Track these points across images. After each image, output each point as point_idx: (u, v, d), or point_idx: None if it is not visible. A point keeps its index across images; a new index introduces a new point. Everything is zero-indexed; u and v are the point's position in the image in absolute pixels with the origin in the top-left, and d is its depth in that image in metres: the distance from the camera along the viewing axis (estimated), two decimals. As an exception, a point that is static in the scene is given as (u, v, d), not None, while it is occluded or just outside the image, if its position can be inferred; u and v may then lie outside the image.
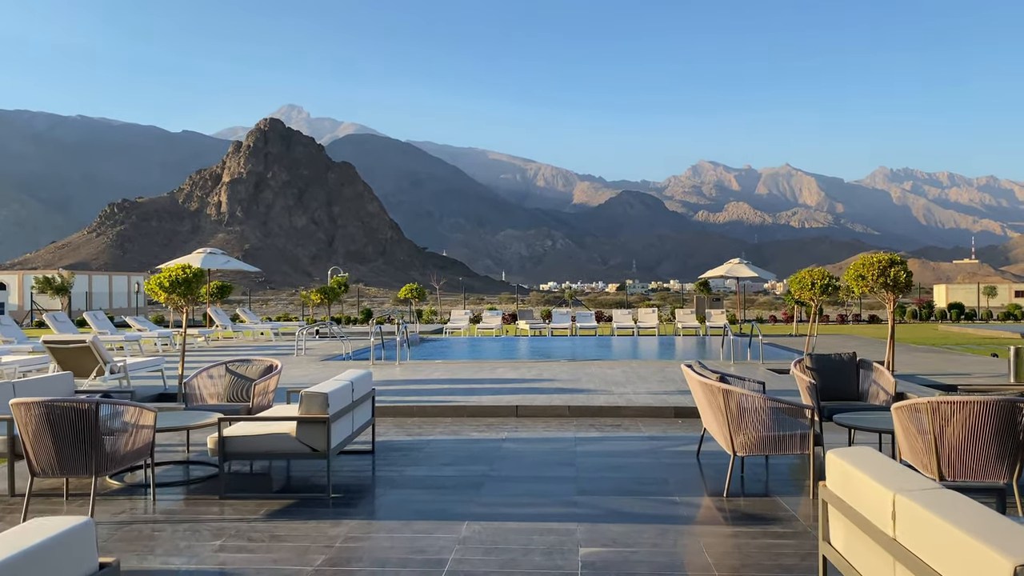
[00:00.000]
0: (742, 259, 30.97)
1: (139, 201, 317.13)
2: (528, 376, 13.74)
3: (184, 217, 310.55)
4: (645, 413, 10.24)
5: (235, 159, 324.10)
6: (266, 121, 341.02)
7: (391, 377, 13.91)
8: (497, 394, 11.49)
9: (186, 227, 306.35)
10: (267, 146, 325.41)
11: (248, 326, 25.65)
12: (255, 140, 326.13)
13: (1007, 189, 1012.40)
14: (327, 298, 25.59)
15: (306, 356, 18.51)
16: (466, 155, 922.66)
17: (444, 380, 13.31)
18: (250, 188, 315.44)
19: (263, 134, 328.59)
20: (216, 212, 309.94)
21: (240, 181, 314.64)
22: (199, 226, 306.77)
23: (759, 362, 16.09)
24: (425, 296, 31.93)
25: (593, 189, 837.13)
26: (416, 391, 12.00)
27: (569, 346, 23.40)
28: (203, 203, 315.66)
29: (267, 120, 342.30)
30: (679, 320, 29.67)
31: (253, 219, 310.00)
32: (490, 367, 15.39)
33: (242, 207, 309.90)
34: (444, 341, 25.81)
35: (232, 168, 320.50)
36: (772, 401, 6.39)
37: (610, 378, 13.31)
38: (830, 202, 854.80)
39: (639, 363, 16.00)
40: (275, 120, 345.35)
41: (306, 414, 6.41)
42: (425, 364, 16.28)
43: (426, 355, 20.03)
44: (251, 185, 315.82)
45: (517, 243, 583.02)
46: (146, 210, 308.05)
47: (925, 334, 30.97)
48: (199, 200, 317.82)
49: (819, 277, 14.06)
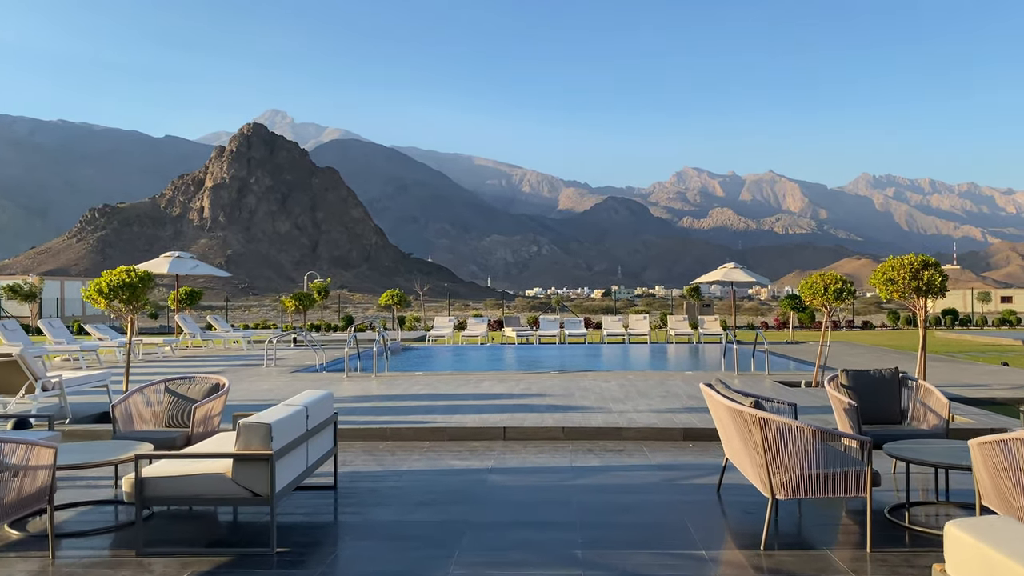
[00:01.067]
0: (737, 264, 29.91)
1: (120, 206, 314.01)
2: (516, 390, 12.51)
3: (166, 222, 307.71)
4: (650, 436, 9.03)
5: (218, 164, 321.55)
6: (249, 126, 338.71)
7: (365, 392, 12.64)
8: (482, 412, 10.25)
9: (168, 232, 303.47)
10: (250, 151, 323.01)
11: (219, 334, 24.29)
12: (238, 145, 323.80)
13: (987, 196, 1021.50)
14: (302, 305, 24.26)
15: (276, 367, 17.21)
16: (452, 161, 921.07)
17: (423, 395, 12.05)
18: (233, 193, 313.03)
19: (246, 139, 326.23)
20: (199, 217, 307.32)
21: (223, 186, 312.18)
22: (181, 231, 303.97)
23: (764, 373, 14.94)
24: (407, 302, 30.65)
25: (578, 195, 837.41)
26: (391, 409, 10.74)
27: (558, 355, 22.19)
28: (185, 208, 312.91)
29: (250, 125, 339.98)
30: (671, 327, 28.51)
31: (236, 224, 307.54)
32: (475, 380, 14.16)
33: (225, 212, 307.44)
34: (427, 350, 24.54)
35: (215, 173, 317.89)
36: (822, 433, 5.19)
37: (607, 393, 12.11)
38: (813, 208, 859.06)
39: (636, 375, 14.81)
40: (258, 125, 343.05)
41: (245, 450, 5.17)
42: (404, 376, 15.02)
43: (407, 365, 18.77)
44: (234, 190, 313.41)
45: (503, 249, 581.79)
46: (127, 215, 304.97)
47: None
48: (181, 205, 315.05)
49: (832, 281, 12.91)
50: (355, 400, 11.63)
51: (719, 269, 30.24)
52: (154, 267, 23.20)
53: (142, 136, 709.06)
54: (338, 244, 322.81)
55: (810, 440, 5.15)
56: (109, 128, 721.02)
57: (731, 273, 29.36)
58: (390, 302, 29.32)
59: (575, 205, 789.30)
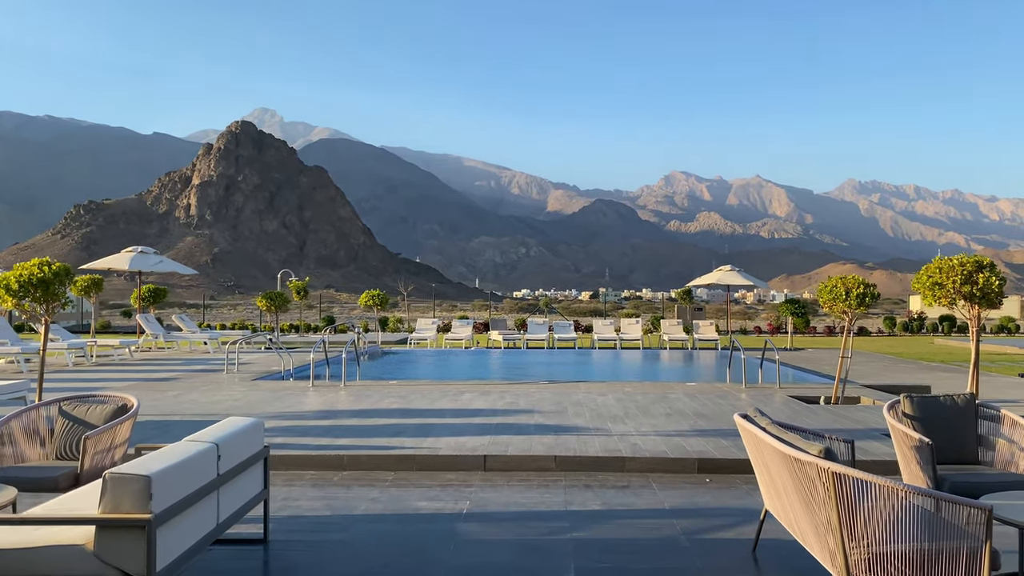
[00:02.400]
0: (733, 266, 28.54)
1: (106, 203, 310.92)
2: (500, 405, 11.02)
3: (152, 220, 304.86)
4: (658, 467, 7.56)
5: (205, 161, 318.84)
6: (237, 123, 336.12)
7: (329, 406, 11.11)
8: (460, 433, 8.75)
9: (154, 230, 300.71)
10: (238, 148, 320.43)
11: (185, 335, 22.68)
12: (226, 142, 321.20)
13: (971, 203, 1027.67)
14: (275, 305, 22.67)
15: (238, 373, 15.65)
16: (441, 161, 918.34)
17: (394, 411, 10.54)
18: (220, 191, 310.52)
19: (234, 136, 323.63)
20: (185, 215, 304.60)
21: (210, 184, 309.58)
22: (167, 229, 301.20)
23: (774, 386, 13.50)
24: (388, 303, 29.09)
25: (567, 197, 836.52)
26: (354, 429, 9.22)
27: (547, 361, 20.72)
28: (172, 206, 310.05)
29: (238, 123, 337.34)
30: (665, 332, 27.09)
31: (223, 222, 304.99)
32: (455, 391, 12.66)
33: (212, 210, 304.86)
34: (407, 354, 23.02)
35: (202, 170, 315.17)
36: (927, 497, 3.71)
37: (603, 409, 10.64)
38: (799, 213, 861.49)
39: (634, 387, 13.34)
40: (246, 123, 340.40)
41: (111, 512, 3.66)
42: (377, 386, 13.50)
43: (382, 372, 17.25)
44: (221, 188, 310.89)
45: (491, 250, 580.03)
46: (113, 212, 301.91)
47: (922, 349, 28.74)
48: (168, 203, 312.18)
49: (854, 286, 11.50)
50: (314, 416, 10.10)
51: (715, 272, 28.86)
52: (115, 263, 21.60)
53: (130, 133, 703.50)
54: (326, 243, 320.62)
55: (907, 504, 3.69)
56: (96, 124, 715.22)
57: (727, 276, 27.97)
58: (371, 303, 27.75)
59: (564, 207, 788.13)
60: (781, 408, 10.91)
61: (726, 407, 11.00)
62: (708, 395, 12.33)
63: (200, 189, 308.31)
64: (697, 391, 12.83)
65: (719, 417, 10.06)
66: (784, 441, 4.18)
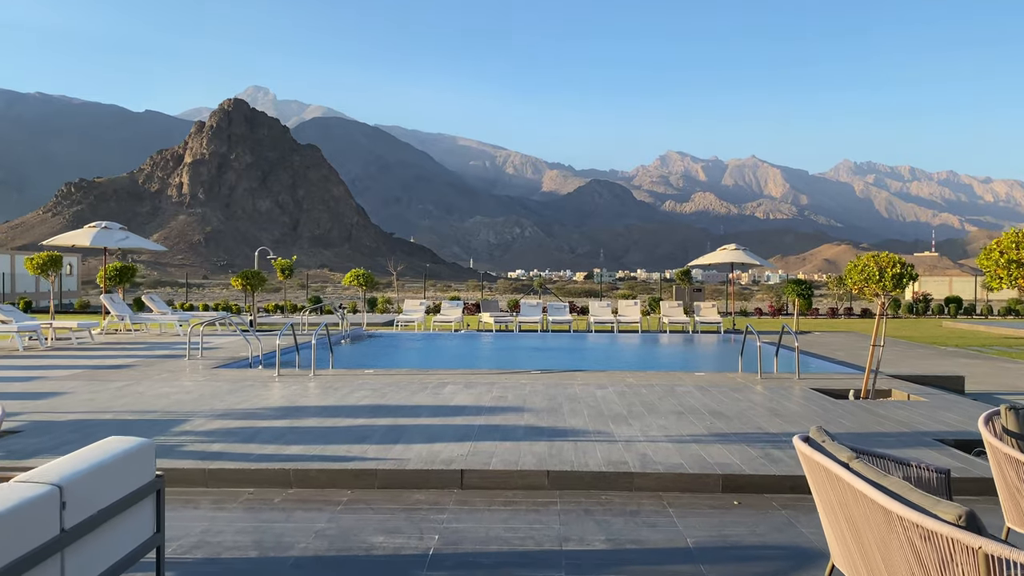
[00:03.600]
0: (739, 245, 27.15)
1: (97, 181, 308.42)
2: (486, 401, 9.64)
3: (144, 198, 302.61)
4: (675, 484, 6.19)
5: (197, 139, 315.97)
6: (230, 101, 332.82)
7: (290, 400, 9.71)
8: (436, 439, 7.37)
9: (146, 208, 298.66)
10: (231, 127, 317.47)
11: (155, 317, 21.21)
12: (218, 121, 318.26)
13: (966, 184, 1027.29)
14: (250, 284, 21.20)
15: (202, 360, 14.25)
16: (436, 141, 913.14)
17: (364, 409, 9.15)
18: (212, 169, 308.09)
19: (227, 114, 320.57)
20: (177, 193, 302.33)
21: (202, 162, 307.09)
22: (159, 207, 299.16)
23: (792, 376, 12.15)
24: (373, 282, 27.67)
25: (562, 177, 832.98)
26: (312, 432, 7.83)
27: (540, 346, 19.36)
28: (164, 184, 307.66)
29: (231, 100, 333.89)
30: (664, 314, 25.67)
31: (215, 201, 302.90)
32: (436, 383, 11.28)
33: (204, 188, 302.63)
34: (392, 337, 21.63)
35: (194, 149, 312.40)
36: None
37: (603, 405, 9.27)
38: (795, 194, 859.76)
39: (637, 377, 11.97)
40: (239, 100, 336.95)
41: None
42: (350, 376, 12.11)
43: (360, 360, 15.86)
44: (214, 166, 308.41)
45: (486, 230, 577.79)
46: (104, 190, 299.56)
47: (931, 332, 27.50)
48: (160, 181, 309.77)
49: (889, 264, 10.13)
50: (270, 414, 8.71)
51: (719, 251, 27.46)
52: (76, 239, 20.12)
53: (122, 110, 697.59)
54: (319, 223, 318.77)
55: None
56: (88, 102, 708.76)
57: (732, 255, 26.58)
58: (355, 283, 26.32)
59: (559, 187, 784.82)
60: (805, 404, 9.56)
61: (743, 403, 9.65)
62: (720, 387, 10.98)
63: (192, 167, 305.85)
64: (707, 382, 11.47)
65: (739, 416, 8.70)
66: (893, 495, 2.78)
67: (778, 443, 7.26)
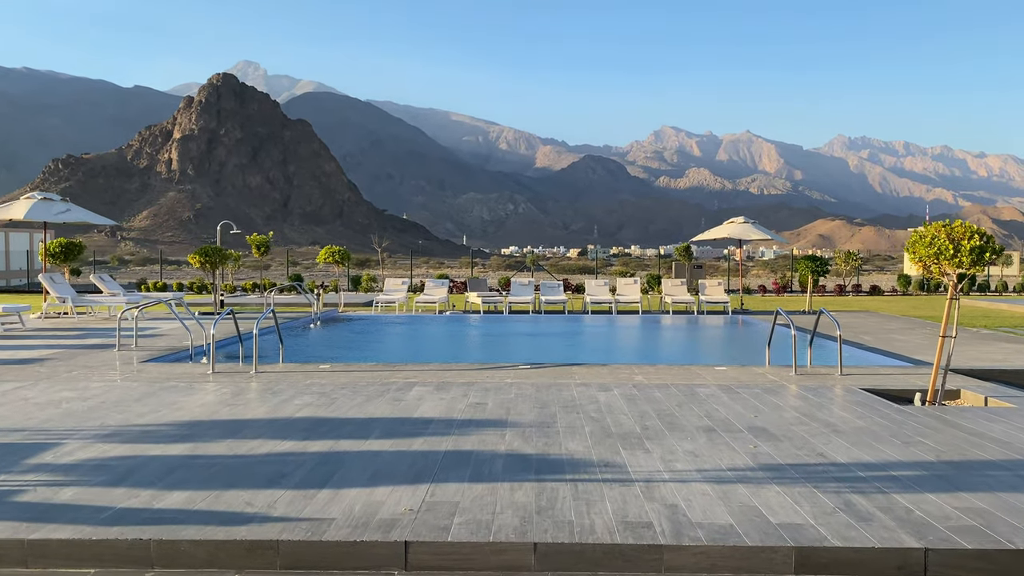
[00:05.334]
0: (747, 219, 25.08)
1: (85, 157, 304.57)
2: (459, 411, 7.57)
3: (133, 175, 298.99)
4: (724, 563, 4.13)
5: (186, 115, 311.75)
6: (219, 76, 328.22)
7: (210, 413, 7.62)
8: (380, 479, 5.30)
9: (135, 185, 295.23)
10: (220, 102, 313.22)
11: (103, 299, 19.07)
12: (207, 96, 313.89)
13: (960, 159, 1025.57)
14: (210, 262, 19.02)
15: (136, 350, 12.18)
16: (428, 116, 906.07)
17: (299, 424, 7.06)
18: (202, 145, 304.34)
19: (216, 89, 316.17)
20: (167, 170, 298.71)
21: (192, 138, 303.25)
22: (148, 184, 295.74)
23: (834, 371, 10.12)
24: (349, 258, 25.57)
25: (556, 153, 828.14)
26: (214, 466, 5.75)
27: (532, 331, 17.32)
28: (153, 160, 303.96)
29: (220, 75, 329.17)
30: (667, 293, 23.52)
31: (205, 177, 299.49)
32: (402, 383, 9.21)
33: (194, 165, 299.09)
34: (368, 321, 19.54)
35: (183, 124, 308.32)
36: None
37: (609, 417, 7.21)
38: (789, 169, 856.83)
39: (646, 373, 9.92)
40: (228, 75, 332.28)
41: None
42: (300, 374, 10.04)
43: (322, 349, 13.80)
44: (203, 142, 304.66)
45: (479, 207, 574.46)
46: (93, 167, 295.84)
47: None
48: (149, 157, 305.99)
49: (965, 235, 8.11)
50: (171, 436, 6.62)
51: (725, 225, 25.41)
52: (10, 211, 17.92)
53: (110, 86, 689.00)
54: (310, 199, 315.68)
55: None
56: (76, 77, 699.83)
57: (741, 230, 24.52)
58: (330, 259, 24.23)
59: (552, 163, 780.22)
60: (865, 414, 7.51)
61: (786, 412, 7.60)
62: (750, 388, 8.94)
63: (181, 143, 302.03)
64: (733, 380, 9.43)
65: (788, 434, 6.64)
66: None
67: (857, 483, 5.21)
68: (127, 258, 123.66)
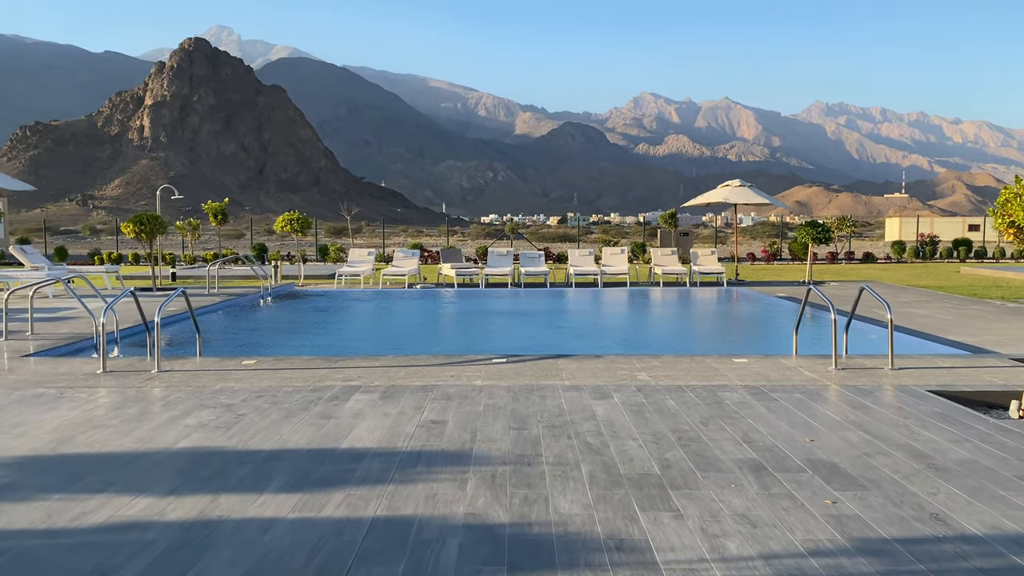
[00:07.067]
0: (743, 182, 23.08)
1: (54, 124, 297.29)
2: (405, 439, 5.52)
3: (104, 142, 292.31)
4: None
5: (158, 81, 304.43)
6: (191, 41, 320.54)
7: (63, 438, 5.51)
8: (270, 561, 3.30)
9: (106, 152, 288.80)
10: (192, 67, 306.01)
11: (25, 274, 16.81)
12: (179, 61, 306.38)
13: (936, 125, 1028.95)
14: (145, 231, 16.76)
15: (33, 338, 10.04)
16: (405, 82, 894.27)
17: (174, 461, 4.98)
18: (174, 112, 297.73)
19: (188, 55, 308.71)
20: (139, 137, 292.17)
21: (163, 104, 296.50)
22: (120, 152, 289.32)
23: (882, 363, 8.16)
24: (310, 226, 23.35)
25: (535, 120, 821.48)
26: (39, 542, 3.70)
27: (509, 309, 15.29)
28: (124, 127, 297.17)
29: (192, 40, 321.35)
30: (656, 263, 21.55)
31: (178, 144, 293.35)
32: (340, 385, 7.16)
33: (166, 132, 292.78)
34: (326, 297, 17.43)
35: (155, 91, 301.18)
36: None
37: (613, 445, 5.20)
38: (767, 136, 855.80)
39: (652, 369, 7.91)
40: (200, 40, 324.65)
41: None
42: (214, 373, 7.95)
43: (261, 334, 11.69)
44: (175, 109, 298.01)
45: (458, 174, 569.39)
46: (62, 134, 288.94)
47: (955, 279, 23.91)
48: (120, 124, 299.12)
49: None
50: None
51: (720, 188, 23.38)
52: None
53: (79, 51, 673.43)
54: (286, 167, 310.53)
55: None
56: (43, 42, 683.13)
57: (737, 193, 22.52)
58: (287, 228, 22.02)
59: (532, 130, 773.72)
60: (958, 434, 5.54)
61: (850, 433, 5.60)
62: (786, 390, 6.96)
63: (153, 110, 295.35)
64: (761, 378, 7.46)
65: (870, 476, 4.65)
66: None
67: None
68: (99, 227, 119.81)
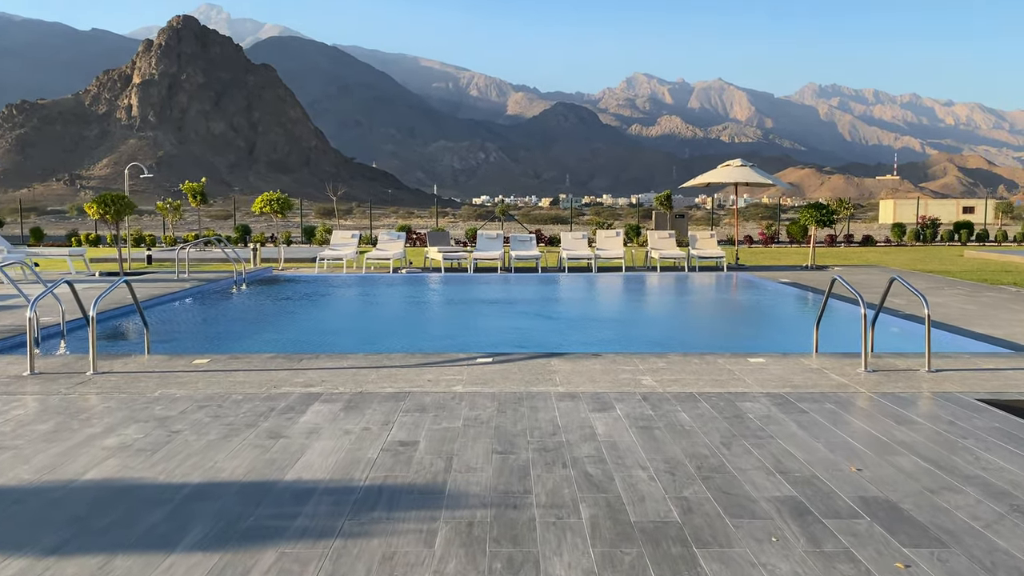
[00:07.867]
0: (745, 161, 22.09)
1: (41, 103, 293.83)
2: (365, 467, 4.56)
3: (91, 121, 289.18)
4: None
5: (146, 59, 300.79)
6: (179, 18, 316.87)
7: None
8: None
9: (94, 132, 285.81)
10: (180, 45, 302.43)
11: (-18, 257, 15.74)
12: (167, 39, 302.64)
13: (928, 107, 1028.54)
14: (110, 213, 15.69)
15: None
16: (396, 61, 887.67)
17: (79, 499, 4.00)
18: (163, 91, 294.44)
19: (176, 33, 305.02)
20: (127, 116, 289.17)
21: (152, 83, 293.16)
22: (108, 131, 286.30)
23: (915, 363, 7.23)
24: (291, 207, 22.26)
25: (527, 100, 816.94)
26: None
27: (498, 298, 14.31)
28: (112, 106, 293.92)
29: (180, 18, 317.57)
30: (653, 246, 20.58)
31: (167, 124, 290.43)
32: (299, 391, 6.18)
33: (155, 111, 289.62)
34: (305, 282, 16.41)
35: (143, 69, 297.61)
36: None
37: (619, 479, 4.24)
38: (760, 117, 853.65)
39: (657, 372, 6.96)
40: (189, 17, 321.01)
41: None
42: (159, 376, 6.97)
43: (222, 325, 10.68)
44: (164, 87, 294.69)
45: (450, 155, 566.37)
46: (49, 113, 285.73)
47: (961, 264, 23.13)
48: (107, 103, 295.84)
49: None
50: None
51: (720, 168, 22.37)
52: None
53: (66, 29, 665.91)
54: (276, 147, 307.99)
55: None
56: (30, 19, 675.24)
57: (737, 173, 21.52)
58: (266, 209, 20.95)
59: (524, 111, 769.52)
60: (1017, 454, 4.61)
61: (901, 454, 4.65)
62: (814, 399, 6.01)
63: (141, 88, 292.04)
64: (783, 382, 6.51)
65: (946, 524, 3.69)
66: None
67: None
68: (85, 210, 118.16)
